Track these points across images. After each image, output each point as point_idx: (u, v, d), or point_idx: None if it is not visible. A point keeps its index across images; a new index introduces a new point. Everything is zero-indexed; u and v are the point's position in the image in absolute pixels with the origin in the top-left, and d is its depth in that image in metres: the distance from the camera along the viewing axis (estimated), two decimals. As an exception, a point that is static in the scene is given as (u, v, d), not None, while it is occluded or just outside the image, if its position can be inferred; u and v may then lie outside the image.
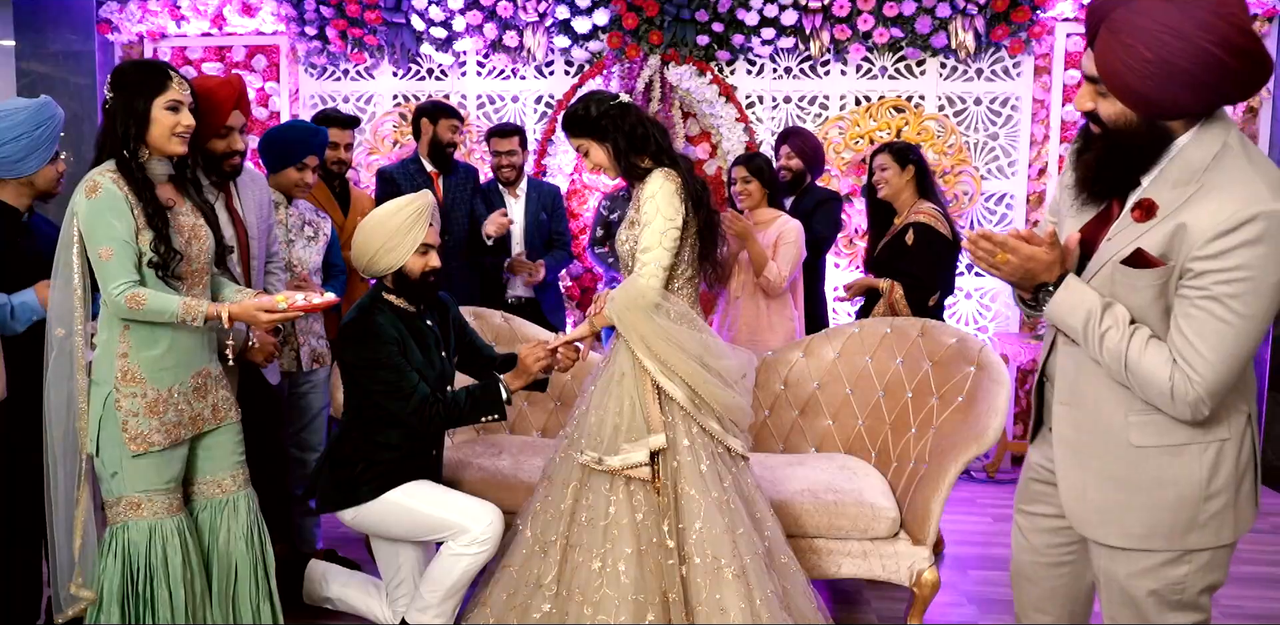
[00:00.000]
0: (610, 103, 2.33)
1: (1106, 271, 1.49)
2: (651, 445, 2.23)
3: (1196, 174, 1.39)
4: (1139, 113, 1.40)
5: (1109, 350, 1.45)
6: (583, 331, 2.43)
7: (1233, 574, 3.17)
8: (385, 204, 2.43)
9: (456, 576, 2.39)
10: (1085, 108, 1.47)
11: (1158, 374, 1.41)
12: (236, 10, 4.76)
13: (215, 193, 2.54)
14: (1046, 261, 1.49)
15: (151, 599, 2.11)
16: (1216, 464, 1.48)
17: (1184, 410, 1.42)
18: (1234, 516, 1.50)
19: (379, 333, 2.37)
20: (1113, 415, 1.52)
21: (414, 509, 2.41)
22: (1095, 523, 1.57)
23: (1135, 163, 1.45)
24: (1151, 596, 1.54)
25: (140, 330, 2.10)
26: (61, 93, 4.78)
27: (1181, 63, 1.32)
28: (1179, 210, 1.39)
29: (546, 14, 4.54)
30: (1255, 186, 1.35)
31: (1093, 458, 1.55)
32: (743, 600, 2.17)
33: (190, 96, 2.13)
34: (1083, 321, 1.47)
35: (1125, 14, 1.34)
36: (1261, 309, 1.36)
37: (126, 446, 2.08)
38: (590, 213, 4.69)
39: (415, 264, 2.41)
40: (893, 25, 4.42)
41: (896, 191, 3.46)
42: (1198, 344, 1.38)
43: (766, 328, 3.53)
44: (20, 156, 2.30)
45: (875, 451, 2.99)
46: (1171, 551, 1.51)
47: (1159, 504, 1.49)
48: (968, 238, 1.55)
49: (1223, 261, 1.35)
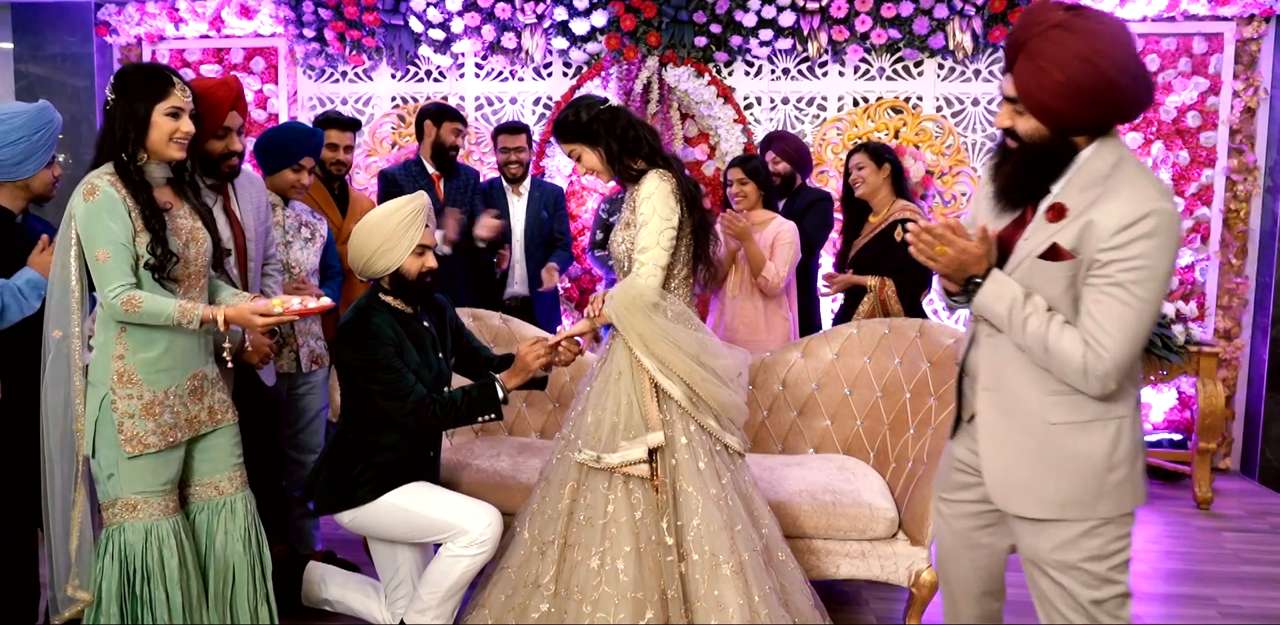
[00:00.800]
0: (600, 107, 2.34)
1: (1025, 266, 1.68)
2: (650, 443, 2.23)
3: (1099, 180, 1.61)
4: (1050, 127, 1.62)
5: (1031, 334, 1.65)
6: (582, 327, 2.43)
7: (1232, 574, 3.21)
8: (381, 206, 2.43)
9: (455, 578, 2.39)
10: (1004, 125, 1.68)
11: (1072, 353, 1.61)
12: (235, 12, 4.76)
13: (213, 195, 2.54)
14: (977, 255, 1.68)
15: (149, 600, 2.12)
16: (1117, 438, 1.69)
17: (1095, 384, 1.62)
18: (1132, 488, 1.71)
19: (376, 333, 2.37)
20: (1029, 396, 1.71)
21: (412, 511, 2.41)
22: (1016, 498, 1.75)
23: (1047, 173, 1.66)
24: (1074, 572, 1.71)
25: (137, 332, 2.10)
26: (59, 95, 4.79)
27: (1086, 83, 1.55)
28: (1086, 211, 1.61)
29: (544, 16, 4.54)
30: (1149, 189, 1.58)
31: (1013, 436, 1.74)
32: (741, 596, 2.18)
33: (191, 103, 2.14)
34: (1008, 308, 1.67)
35: (1039, 43, 1.57)
36: (1155, 293, 1.58)
37: (122, 448, 2.08)
38: (589, 214, 4.70)
39: (412, 265, 2.41)
40: (890, 26, 4.42)
41: (873, 190, 3.51)
42: (1105, 324, 1.59)
43: (764, 328, 3.56)
44: (18, 160, 2.31)
45: (874, 452, 2.99)
46: (1085, 521, 1.69)
47: (1071, 475, 1.69)
48: (912, 230, 1.71)
49: (1124, 252, 1.56)
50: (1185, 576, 3.24)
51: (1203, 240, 4.50)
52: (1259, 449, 4.39)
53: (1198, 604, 3.00)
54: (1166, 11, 4.37)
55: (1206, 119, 4.43)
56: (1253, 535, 3.66)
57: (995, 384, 1.77)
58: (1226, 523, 3.81)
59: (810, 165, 4.07)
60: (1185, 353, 3.97)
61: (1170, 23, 4.41)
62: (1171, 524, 3.80)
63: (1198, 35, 4.42)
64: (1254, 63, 4.38)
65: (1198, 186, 4.47)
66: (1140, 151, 4.46)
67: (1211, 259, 4.49)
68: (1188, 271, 4.51)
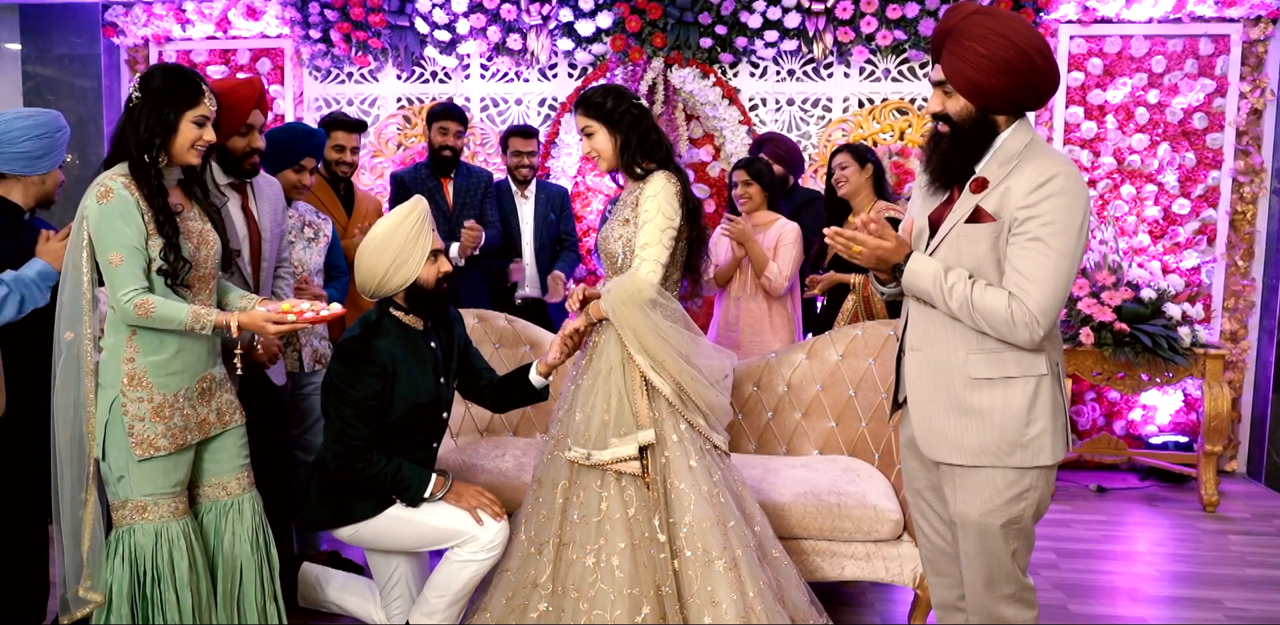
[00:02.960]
0: (633, 102, 2.35)
1: (955, 232, 1.89)
2: (641, 440, 2.23)
3: (1014, 156, 1.85)
4: (975, 103, 1.85)
5: (956, 297, 1.84)
6: (581, 322, 2.42)
7: (1236, 577, 3.21)
8: (380, 223, 2.36)
9: (464, 581, 2.38)
10: (935, 110, 1.90)
11: (998, 305, 1.80)
12: (241, 14, 4.77)
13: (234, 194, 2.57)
14: (891, 247, 1.90)
15: (160, 602, 2.12)
16: (1035, 395, 1.87)
17: (1022, 331, 1.80)
18: (1050, 443, 1.88)
19: (371, 359, 2.32)
20: (953, 354, 1.91)
21: (419, 521, 2.38)
22: (939, 446, 1.93)
23: (972, 153, 1.89)
24: (988, 518, 1.89)
25: (148, 335, 2.10)
26: (67, 96, 4.81)
27: (1005, 55, 1.78)
28: (1004, 181, 1.84)
29: (550, 17, 4.55)
30: (1055, 158, 1.84)
31: (938, 390, 1.93)
32: (735, 592, 2.18)
33: (216, 111, 2.14)
34: (932, 282, 1.87)
35: (962, 25, 1.82)
36: (1071, 246, 1.79)
37: (132, 451, 2.08)
38: (594, 215, 4.70)
39: (429, 273, 2.37)
40: (896, 27, 4.42)
41: (856, 190, 3.52)
42: (1027, 273, 1.79)
43: (769, 329, 3.59)
44: (40, 154, 2.34)
45: (878, 454, 2.99)
46: (1000, 469, 1.88)
47: (990, 426, 1.87)
48: (827, 234, 1.93)
49: (1038, 209, 1.79)
50: (1191, 579, 3.23)
51: (1209, 242, 4.48)
52: (1265, 452, 4.38)
53: (1203, 607, 2.99)
54: (1173, 13, 4.36)
55: (1213, 120, 4.42)
56: (1259, 538, 3.65)
57: (923, 344, 1.96)
58: (1232, 526, 3.80)
59: (802, 166, 4.10)
60: (1191, 355, 3.96)
61: (1177, 24, 4.40)
62: (1177, 527, 3.79)
63: (1204, 37, 4.40)
64: (1261, 64, 4.37)
65: (1204, 188, 4.45)
66: (1147, 153, 4.45)
67: (1218, 261, 4.48)
68: (1194, 273, 4.50)
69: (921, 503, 2.10)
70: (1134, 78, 4.43)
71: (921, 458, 2.03)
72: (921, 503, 2.10)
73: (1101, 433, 4.54)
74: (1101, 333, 3.98)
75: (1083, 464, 4.56)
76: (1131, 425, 4.58)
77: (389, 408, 2.37)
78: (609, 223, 2.41)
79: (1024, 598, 1.96)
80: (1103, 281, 4.03)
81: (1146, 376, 4.05)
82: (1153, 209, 4.48)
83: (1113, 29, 4.44)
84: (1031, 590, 1.98)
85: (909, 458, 2.09)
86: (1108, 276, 4.02)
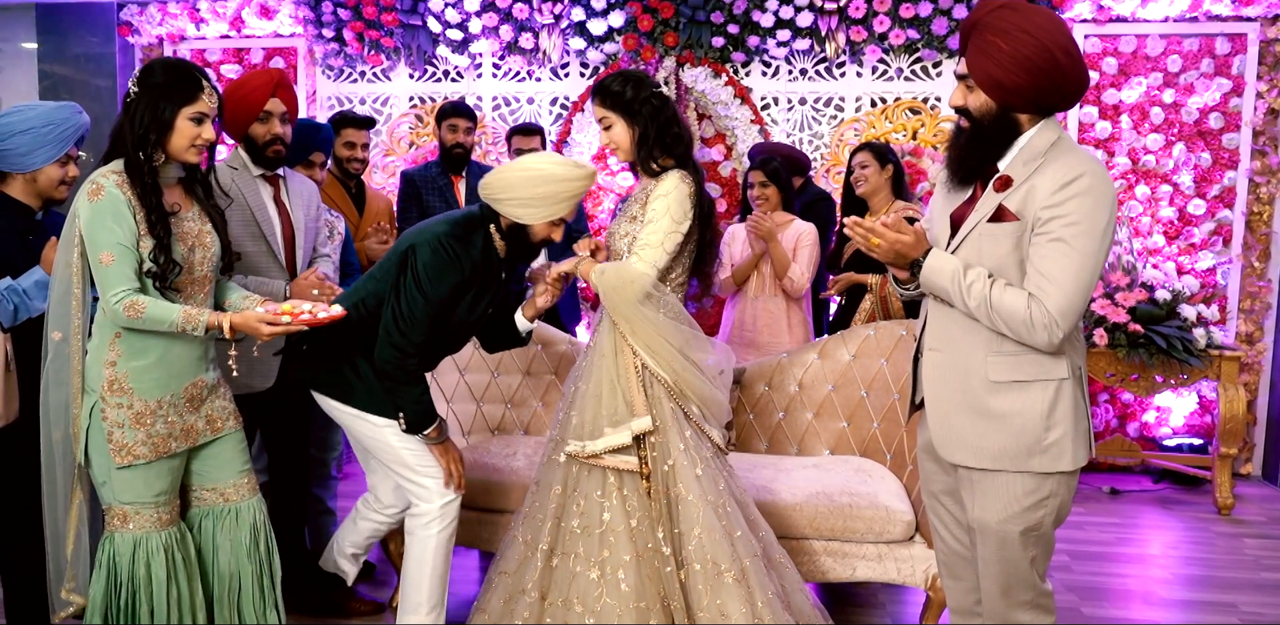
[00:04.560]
0: (653, 90, 2.27)
1: (976, 231, 1.84)
2: (635, 429, 2.17)
3: (1039, 155, 1.80)
4: (997, 100, 1.80)
5: (975, 296, 1.79)
6: (568, 266, 2.36)
7: (1251, 581, 3.18)
8: (559, 161, 2.27)
9: (430, 562, 2.35)
10: (957, 103, 1.87)
11: (1017, 306, 1.75)
12: (255, 13, 4.80)
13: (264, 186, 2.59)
14: (910, 242, 1.86)
15: (134, 611, 2.05)
16: (1055, 399, 1.82)
17: (1041, 334, 1.75)
18: (1071, 448, 1.82)
19: (461, 263, 2.27)
20: (973, 356, 1.86)
21: (393, 445, 2.34)
22: (957, 448, 1.89)
23: (993, 150, 1.85)
24: (1007, 525, 1.84)
25: (132, 339, 2.02)
26: (83, 95, 4.84)
27: (1029, 52, 1.74)
28: (1028, 179, 1.79)
29: (562, 16, 4.55)
30: (1081, 157, 1.79)
31: (956, 392, 1.88)
32: (744, 604, 2.15)
33: (216, 108, 2.06)
34: (950, 279, 1.82)
35: (988, 20, 1.78)
36: (1095, 247, 1.74)
37: (111, 458, 2.02)
38: (605, 214, 4.70)
39: (542, 230, 2.31)
40: (909, 27, 4.40)
41: (875, 189, 3.51)
42: (1049, 274, 1.74)
43: (785, 329, 3.59)
44: (25, 151, 2.29)
45: (890, 454, 2.98)
46: (1018, 474, 1.83)
47: (1009, 429, 1.82)
48: (846, 223, 1.88)
49: (1063, 209, 1.74)
50: (1206, 583, 3.21)
51: (1225, 243, 4.45)
52: (1281, 454, 4.35)
53: (1218, 611, 2.97)
54: (1189, 11, 4.33)
55: (1229, 120, 4.38)
56: (1274, 542, 3.62)
57: (942, 345, 1.91)
58: (1248, 529, 3.77)
59: (807, 165, 4.09)
60: (1206, 357, 3.93)
61: (1193, 23, 4.37)
62: (1192, 530, 3.77)
63: (1220, 36, 4.37)
64: (1278, 64, 4.33)
65: (1220, 189, 4.42)
66: (1162, 153, 4.42)
67: (1234, 262, 4.45)
68: (1209, 274, 4.47)
69: (938, 506, 2.06)
70: (1149, 77, 4.40)
71: (939, 461, 1.99)
72: (938, 506, 2.06)
73: (1115, 435, 4.51)
74: (1116, 334, 3.95)
75: (1096, 466, 4.52)
76: (1145, 427, 4.56)
77: (448, 317, 2.33)
78: (617, 220, 2.37)
79: (1041, 603, 1.92)
80: (1117, 282, 4.00)
81: (1161, 378, 4.02)
82: (1168, 210, 4.45)
83: (1128, 28, 4.42)
84: (1049, 596, 1.93)
85: (926, 460, 2.05)
86: (1122, 277, 4.00)
